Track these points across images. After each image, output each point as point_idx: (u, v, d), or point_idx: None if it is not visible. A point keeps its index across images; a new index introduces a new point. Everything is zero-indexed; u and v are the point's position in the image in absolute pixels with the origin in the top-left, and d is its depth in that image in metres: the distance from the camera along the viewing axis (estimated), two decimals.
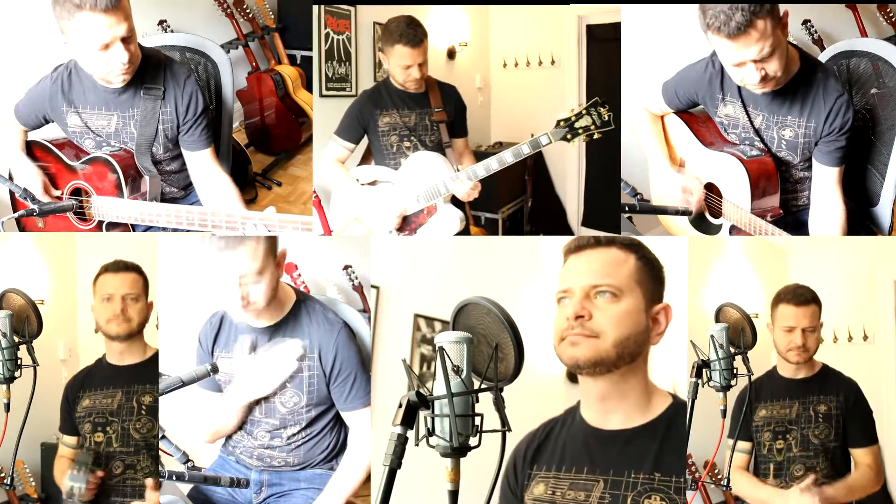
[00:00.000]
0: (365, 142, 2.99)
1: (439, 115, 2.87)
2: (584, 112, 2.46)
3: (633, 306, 1.58)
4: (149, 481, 2.33)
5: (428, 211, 2.75)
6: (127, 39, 2.27)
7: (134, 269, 2.44)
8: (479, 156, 2.97)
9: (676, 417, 1.62)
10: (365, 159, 3.04)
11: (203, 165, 2.55)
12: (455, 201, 2.79)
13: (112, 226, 2.50)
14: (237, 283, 2.10)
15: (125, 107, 2.47)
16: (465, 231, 2.79)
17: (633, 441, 1.59)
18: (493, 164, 2.57)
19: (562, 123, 2.48)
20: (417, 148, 2.86)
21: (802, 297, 2.51)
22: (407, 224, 2.76)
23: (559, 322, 1.61)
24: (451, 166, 2.75)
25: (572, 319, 1.56)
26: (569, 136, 2.47)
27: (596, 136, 2.48)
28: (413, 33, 2.71)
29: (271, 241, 2.17)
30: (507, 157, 2.54)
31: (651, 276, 1.63)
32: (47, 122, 2.60)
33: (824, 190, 2.40)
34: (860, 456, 2.49)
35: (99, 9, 2.18)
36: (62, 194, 2.53)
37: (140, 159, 2.49)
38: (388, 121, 2.85)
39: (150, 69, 2.45)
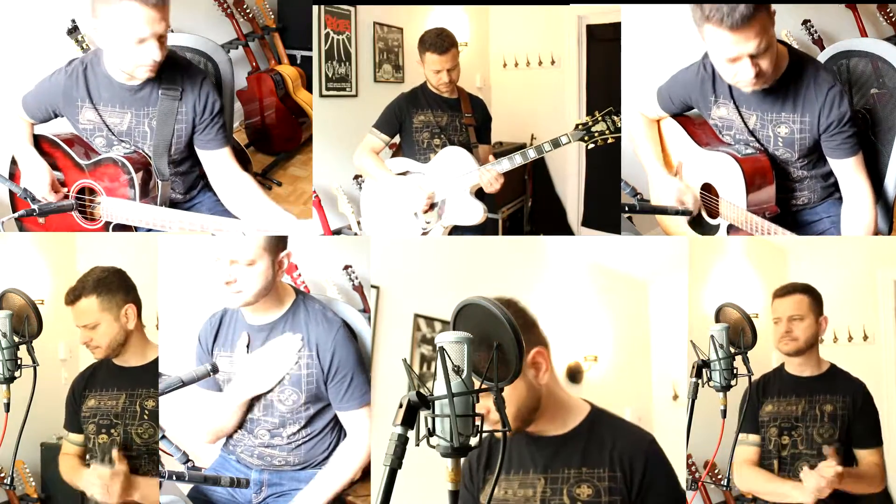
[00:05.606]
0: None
1: (468, 119, 3.13)
2: (599, 118, 2.75)
3: None
4: (114, 452, 2.31)
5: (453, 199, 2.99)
6: (162, 38, 2.28)
7: (79, 294, 2.33)
8: None
9: (595, 422, 1.88)
10: (393, 155, 3.25)
11: (221, 165, 2.54)
12: (478, 196, 3.01)
13: (119, 227, 2.48)
14: (227, 262, 2.16)
15: (140, 105, 2.45)
16: (484, 224, 3.02)
17: (566, 443, 1.86)
18: (517, 159, 2.82)
19: (580, 127, 2.76)
20: (446, 145, 3.07)
21: (786, 288, 2.55)
22: (434, 209, 3.00)
23: None
24: (477, 163, 2.98)
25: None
26: (586, 139, 2.76)
27: (610, 141, 2.76)
28: (440, 42, 2.98)
29: (271, 237, 2.18)
30: (530, 154, 2.80)
31: None
32: (56, 116, 2.55)
33: (848, 181, 2.40)
34: (867, 456, 2.47)
35: (149, 3, 2.20)
36: (69, 192, 2.51)
37: (157, 161, 2.47)
38: (423, 119, 3.09)
39: (167, 70, 2.43)
